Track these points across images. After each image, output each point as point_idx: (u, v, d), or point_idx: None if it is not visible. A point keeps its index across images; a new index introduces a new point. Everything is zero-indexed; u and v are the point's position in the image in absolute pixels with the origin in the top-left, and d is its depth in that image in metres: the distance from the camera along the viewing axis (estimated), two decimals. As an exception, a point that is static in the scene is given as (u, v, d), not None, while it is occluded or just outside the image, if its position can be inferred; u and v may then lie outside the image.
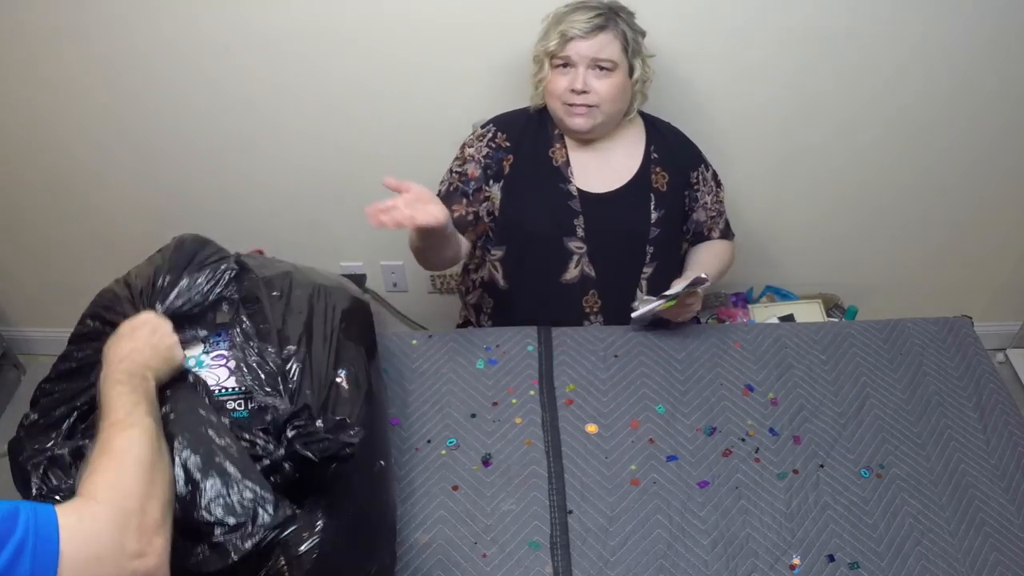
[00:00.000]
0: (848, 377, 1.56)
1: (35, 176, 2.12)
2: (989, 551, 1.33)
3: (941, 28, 1.80)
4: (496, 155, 1.67)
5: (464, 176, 1.67)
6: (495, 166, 1.67)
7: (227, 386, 1.15)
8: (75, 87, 1.93)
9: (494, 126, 1.69)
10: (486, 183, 1.67)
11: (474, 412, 1.48)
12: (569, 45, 1.56)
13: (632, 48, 1.59)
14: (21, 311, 2.50)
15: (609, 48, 1.56)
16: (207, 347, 1.21)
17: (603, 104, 1.58)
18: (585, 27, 1.54)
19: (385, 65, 1.89)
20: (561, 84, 1.58)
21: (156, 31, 1.83)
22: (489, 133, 1.68)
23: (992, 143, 2.02)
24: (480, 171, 1.66)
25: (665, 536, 1.32)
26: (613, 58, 1.56)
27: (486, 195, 1.67)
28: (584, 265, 1.67)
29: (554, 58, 1.58)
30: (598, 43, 1.55)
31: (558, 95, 1.59)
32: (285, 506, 1.02)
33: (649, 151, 1.69)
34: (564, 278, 1.67)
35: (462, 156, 1.70)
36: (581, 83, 1.56)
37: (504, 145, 1.67)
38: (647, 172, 1.68)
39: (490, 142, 1.67)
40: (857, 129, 1.99)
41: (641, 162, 1.68)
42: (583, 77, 1.56)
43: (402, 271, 2.34)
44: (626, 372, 1.54)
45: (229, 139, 2.03)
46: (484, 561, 1.28)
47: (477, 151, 1.67)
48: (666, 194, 1.68)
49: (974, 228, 2.21)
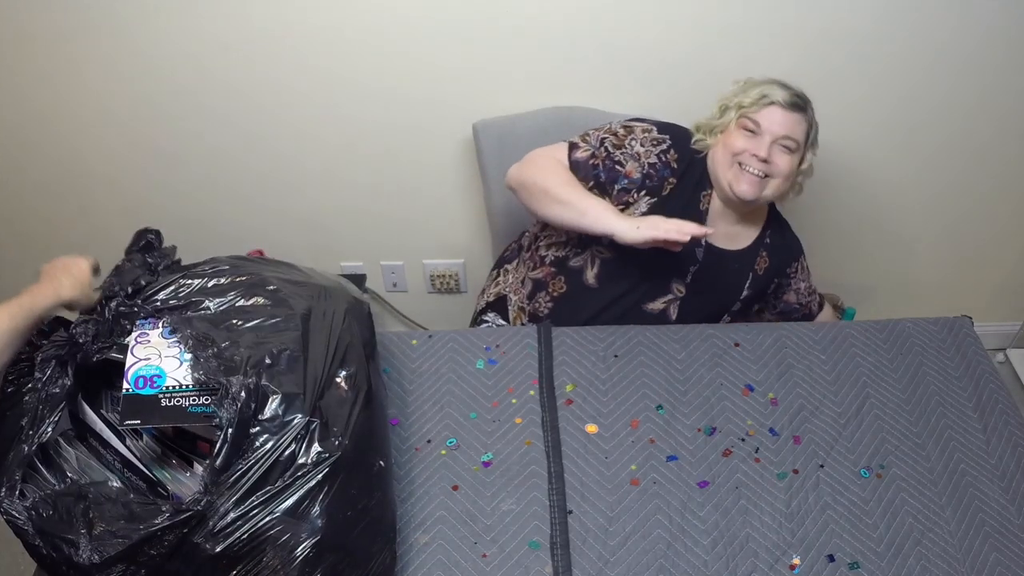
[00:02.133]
0: (848, 377, 1.56)
1: (35, 176, 2.12)
2: (989, 551, 1.33)
3: (938, 25, 1.80)
4: (662, 171, 1.62)
5: (620, 168, 1.61)
6: (656, 179, 1.61)
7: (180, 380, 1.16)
8: (75, 87, 1.93)
9: (671, 141, 1.64)
10: (638, 191, 1.61)
11: (474, 412, 1.48)
12: (766, 110, 1.56)
13: (812, 139, 1.62)
14: (21, 311, 2.49)
15: (799, 129, 1.57)
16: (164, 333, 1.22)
17: (776, 179, 1.58)
18: (788, 100, 1.56)
19: (386, 65, 1.89)
20: (741, 143, 1.57)
21: (156, 31, 1.83)
22: (664, 144, 1.63)
23: (991, 142, 2.02)
24: (639, 176, 1.60)
25: (665, 536, 1.32)
26: (799, 139, 1.58)
27: (630, 200, 1.62)
28: (672, 305, 1.68)
29: (744, 116, 1.57)
30: (793, 120, 1.56)
31: (735, 152, 1.57)
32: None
33: (764, 235, 1.72)
34: (648, 306, 1.68)
35: (624, 145, 1.62)
36: (765, 151, 1.55)
37: (673, 165, 1.63)
38: (756, 252, 1.71)
39: (662, 154, 1.62)
40: (857, 129, 1.99)
41: (755, 239, 1.71)
42: (768, 147, 1.56)
43: (402, 271, 2.34)
44: (626, 372, 1.54)
45: (230, 139, 2.03)
46: (484, 561, 1.28)
47: (646, 154, 1.61)
48: (761, 278, 1.72)
49: (973, 228, 2.21)
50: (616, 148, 1.62)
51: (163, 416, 1.14)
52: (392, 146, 2.03)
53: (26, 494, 1.10)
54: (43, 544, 1.06)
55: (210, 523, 1.04)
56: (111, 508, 1.07)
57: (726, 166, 1.60)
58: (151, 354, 1.18)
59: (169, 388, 1.15)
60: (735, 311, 1.74)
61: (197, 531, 1.03)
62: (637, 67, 1.87)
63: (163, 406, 1.14)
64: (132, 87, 1.93)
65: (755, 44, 1.83)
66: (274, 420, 1.10)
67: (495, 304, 1.83)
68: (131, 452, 1.20)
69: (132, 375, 1.15)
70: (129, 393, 1.14)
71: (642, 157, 1.61)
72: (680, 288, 1.67)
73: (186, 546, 1.04)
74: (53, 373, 1.17)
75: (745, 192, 1.58)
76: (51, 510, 1.08)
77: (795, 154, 1.59)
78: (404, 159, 2.05)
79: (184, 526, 1.03)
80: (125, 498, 1.09)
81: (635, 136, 1.63)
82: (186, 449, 1.21)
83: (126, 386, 1.14)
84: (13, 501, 1.08)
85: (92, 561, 1.02)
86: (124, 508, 1.07)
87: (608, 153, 1.61)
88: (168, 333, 1.20)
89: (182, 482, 1.19)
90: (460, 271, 2.31)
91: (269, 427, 1.09)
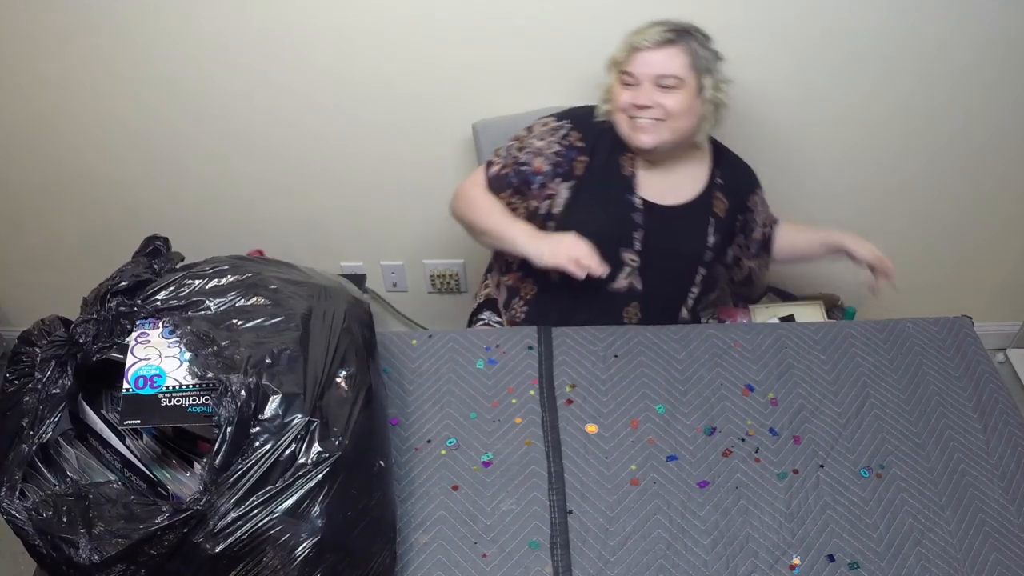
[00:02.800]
0: (848, 377, 1.56)
1: (35, 176, 2.12)
2: (989, 551, 1.33)
3: (938, 25, 1.80)
4: (568, 154, 1.63)
5: (527, 167, 1.64)
6: (566, 164, 1.63)
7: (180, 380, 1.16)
8: (75, 87, 1.93)
9: (569, 122, 1.66)
10: (553, 180, 1.64)
11: (474, 412, 1.48)
12: (636, 56, 1.55)
13: (702, 66, 1.57)
14: (21, 311, 2.50)
15: (674, 63, 1.54)
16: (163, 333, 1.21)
17: (669, 119, 1.56)
18: (655, 39, 1.54)
19: (386, 65, 1.89)
20: (624, 97, 1.58)
21: (157, 31, 1.83)
22: (563, 130, 1.65)
23: (991, 142, 2.02)
24: (549, 167, 1.63)
25: (665, 536, 1.32)
26: (678, 73, 1.54)
27: (551, 192, 1.65)
28: (634, 278, 1.66)
29: (622, 71, 1.57)
30: (663, 55, 1.54)
31: (622, 108, 1.58)
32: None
33: (714, 175, 1.69)
34: (612, 287, 1.66)
35: (526, 145, 1.66)
36: (644, 98, 1.55)
37: (578, 145, 1.64)
38: (709, 196, 1.68)
39: (563, 139, 1.64)
40: (857, 129, 1.99)
41: (705, 185, 1.68)
42: (647, 92, 1.55)
43: (402, 271, 2.34)
44: (626, 372, 1.54)
45: (230, 139, 2.03)
46: (484, 561, 1.28)
47: (547, 146, 1.64)
48: (724, 220, 1.69)
49: (974, 228, 2.21)
50: (520, 150, 1.65)
51: (163, 416, 1.14)
52: (392, 146, 2.03)
53: (26, 494, 1.10)
54: (43, 544, 1.06)
55: (210, 523, 1.04)
56: (111, 508, 1.07)
57: (623, 124, 1.61)
58: (151, 354, 1.18)
59: (169, 388, 1.15)
60: (709, 262, 1.71)
61: (197, 531, 1.03)
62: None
63: (163, 406, 1.14)
64: (132, 87, 1.93)
65: (755, 44, 1.83)
66: (274, 420, 1.09)
67: (487, 304, 1.85)
68: (131, 452, 1.21)
69: (132, 375, 1.15)
70: (129, 393, 1.14)
71: (544, 150, 1.64)
72: (632, 258, 1.65)
73: (186, 546, 1.04)
74: (53, 373, 1.17)
75: (645, 142, 1.58)
76: (51, 510, 1.08)
77: (681, 89, 1.55)
78: (404, 159, 2.05)
79: (184, 526, 1.03)
80: (125, 498, 1.09)
81: (533, 133, 1.67)
82: (186, 449, 1.21)
83: (126, 386, 1.14)
84: (13, 501, 1.08)
85: (92, 561, 1.02)
86: (124, 508, 1.07)
87: (515, 158, 1.65)
88: (168, 333, 1.20)
89: (182, 482, 1.19)
90: (460, 271, 2.31)
91: (269, 427, 1.09)
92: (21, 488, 1.10)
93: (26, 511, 1.08)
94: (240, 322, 1.19)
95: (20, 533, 1.08)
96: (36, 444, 1.14)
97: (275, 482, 1.07)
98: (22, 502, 1.09)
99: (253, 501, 1.05)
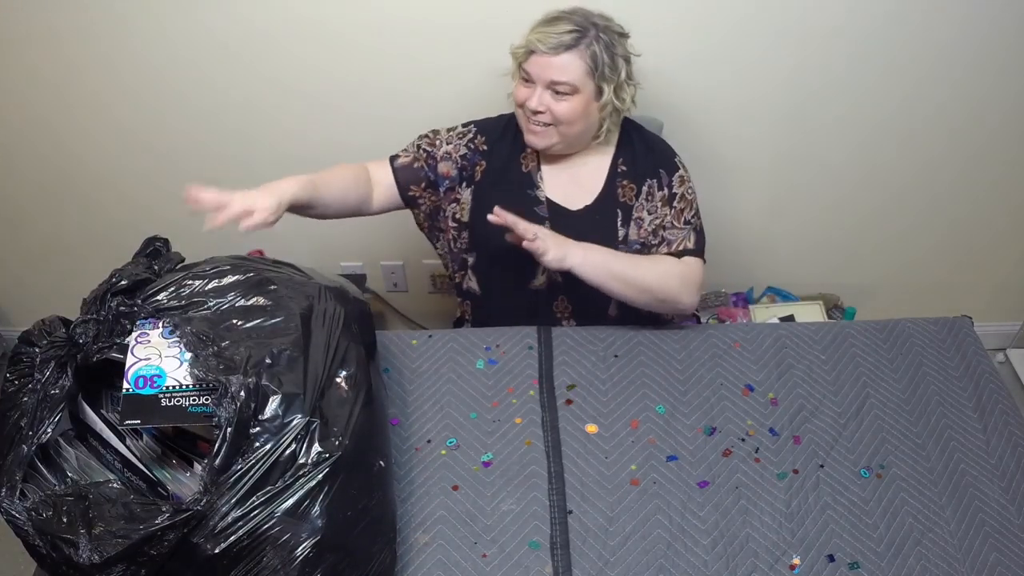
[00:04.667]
0: (848, 377, 1.56)
1: (35, 176, 2.12)
2: (989, 551, 1.33)
3: (937, 25, 1.80)
4: (472, 158, 1.64)
5: (435, 169, 1.63)
6: (470, 169, 1.64)
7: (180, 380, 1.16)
8: (75, 87, 1.93)
9: (475, 128, 1.66)
10: (459, 184, 1.64)
11: (474, 412, 1.48)
12: (531, 59, 1.49)
13: (600, 73, 1.48)
14: (21, 311, 2.50)
15: (570, 70, 1.46)
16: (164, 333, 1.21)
17: (559, 126, 1.52)
18: (551, 42, 1.45)
19: (385, 64, 1.89)
20: (520, 94, 1.53)
21: (156, 30, 1.83)
22: (470, 134, 1.65)
23: (990, 141, 2.02)
24: (456, 171, 1.64)
25: (665, 536, 1.32)
26: (572, 81, 1.47)
27: (457, 197, 1.65)
28: (551, 272, 1.62)
29: (519, 67, 1.54)
30: (558, 63, 1.46)
31: (519, 104, 1.55)
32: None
33: (616, 164, 1.62)
34: (533, 284, 1.66)
35: (437, 145, 1.64)
36: (536, 102, 1.49)
37: (481, 149, 1.64)
38: (613, 187, 1.62)
39: (469, 143, 1.64)
40: (856, 128, 1.99)
41: (607, 176, 1.62)
42: (539, 96, 1.49)
43: (402, 271, 2.34)
44: (626, 372, 1.54)
45: (228, 139, 2.03)
46: (484, 561, 1.28)
47: (455, 149, 1.64)
48: (635, 206, 1.62)
49: (973, 228, 2.21)
50: (431, 147, 1.64)
51: (163, 416, 1.13)
52: (393, 146, 2.03)
53: (26, 494, 1.10)
54: (43, 544, 1.06)
55: (210, 523, 1.04)
56: (111, 508, 1.07)
57: (521, 119, 1.57)
58: (151, 354, 1.17)
59: (169, 388, 1.14)
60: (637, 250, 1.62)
61: (197, 531, 1.03)
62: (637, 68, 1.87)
63: (163, 406, 1.13)
64: (132, 87, 1.93)
65: (755, 44, 1.83)
66: (274, 420, 1.09)
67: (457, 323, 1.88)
68: (131, 452, 1.21)
69: (132, 375, 1.15)
70: (129, 393, 1.14)
71: (453, 154, 1.64)
72: None
73: (186, 546, 1.04)
74: (53, 374, 1.17)
75: (535, 143, 1.56)
76: (51, 510, 1.08)
77: (574, 96, 1.48)
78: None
79: (184, 526, 1.03)
80: (125, 498, 1.09)
81: (440, 136, 1.66)
82: (186, 449, 1.21)
83: (126, 386, 1.14)
84: (13, 501, 1.08)
85: (92, 561, 1.02)
86: (124, 508, 1.07)
87: (427, 153, 1.64)
88: (168, 333, 1.20)
89: (182, 482, 1.19)
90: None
91: (269, 427, 1.09)
92: (21, 488, 1.10)
93: (26, 511, 1.08)
94: (240, 322, 1.19)
95: (20, 533, 1.08)
96: (36, 444, 1.13)
97: (275, 482, 1.07)
98: (22, 502, 1.08)
99: (253, 501, 1.05)
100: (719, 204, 2.12)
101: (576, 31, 1.46)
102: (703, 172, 2.07)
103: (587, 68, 1.47)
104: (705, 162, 2.04)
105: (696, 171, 2.07)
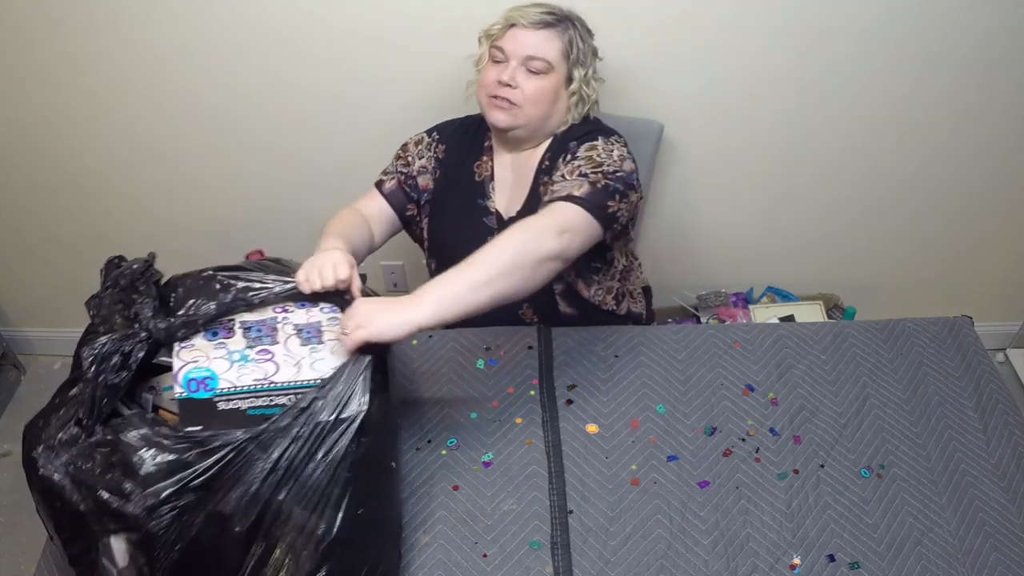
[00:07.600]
0: (848, 377, 1.57)
1: (36, 176, 2.13)
2: (989, 551, 1.33)
3: (937, 24, 1.80)
4: (436, 167, 1.64)
5: (415, 187, 1.64)
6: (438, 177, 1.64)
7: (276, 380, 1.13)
8: (76, 86, 1.94)
9: (437, 134, 1.65)
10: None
11: (474, 412, 1.48)
12: (509, 33, 1.50)
13: (575, 57, 1.51)
14: (21, 311, 2.50)
15: (547, 47, 1.48)
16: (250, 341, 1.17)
17: (525, 105, 1.50)
18: (533, 18, 1.48)
19: (387, 64, 1.89)
20: (491, 75, 1.51)
21: (157, 30, 1.83)
22: (433, 143, 1.65)
23: (991, 141, 2.02)
24: (432, 183, 1.64)
25: (665, 536, 1.32)
26: (548, 58, 1.48)
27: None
28: None
29: (493, 47, 1.52)
30: (538, 38, 1.48)
31: (486, 86, 1.53)
32: None
33: (541, 162, 1.58)
34: None
35: (411, 162, 1.64)
36: (508, 75, 1.48)
37: (441, 156, 1.63)
38: (536, 186, 1.58)
39: (434, 153, 1.65)
40: (855, 128, 1.99)
41: (533, 177, 1.59)
42: (512, 70, 1.49)
43: (402, 271, 2.34)
44: (626, 372, 1.54)
45: (230, 138, 2.03)
46: (484, 561, 1.28)
47: (428, 162, 1.64)
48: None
49: (974, 228, 2.21)
50: (407, 167, 1.65)
51: (223, 421, 1.09)
52: (394, 146, 2.03)
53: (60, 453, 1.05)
54: (81, 498, 1.01)
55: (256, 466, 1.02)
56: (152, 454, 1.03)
57: (484, 103, 1.54)
58: (198, 356, 1.13)
59: (224, 391, 1.11)
60: None
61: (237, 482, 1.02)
62: (636, 69, 1.87)
63: (220, 410, 1.10)
64: (133, 87, 1.93)
65: (755, 44, 1.84)
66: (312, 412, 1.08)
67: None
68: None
69: (184, 377, 1.10)
70: (183, 397, 1.09)
71: (427, 167, 1.64)
72: None
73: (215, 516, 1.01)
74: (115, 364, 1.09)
75: (499, 120, 1.52)
76: (90, 461, 1.03)
77: (546, 76, 1.49)
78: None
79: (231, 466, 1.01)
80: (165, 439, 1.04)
81: (410, 152, 1.66)
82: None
83: (179, 390, 1.09)
84: (51, 459, 1.04)
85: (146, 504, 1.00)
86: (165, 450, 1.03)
87: (404, 174, 1.64)
88: (211, 336, 1.17)
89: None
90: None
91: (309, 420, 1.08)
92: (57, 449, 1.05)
93: (63, 466, 1.03)
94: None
95: (50, 495, 1.03)
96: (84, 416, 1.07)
97: (302, 471, 1.05)
98: (59, 459, 1.04)
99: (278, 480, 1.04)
100: (720, 205, 2.13)
101: (555, 14, 1.51)
102: (704, 173, 2.08)
103: (563, 48, 1.50)
104: (706, 164, 2.05)
105: (697, 172, 2.08)
